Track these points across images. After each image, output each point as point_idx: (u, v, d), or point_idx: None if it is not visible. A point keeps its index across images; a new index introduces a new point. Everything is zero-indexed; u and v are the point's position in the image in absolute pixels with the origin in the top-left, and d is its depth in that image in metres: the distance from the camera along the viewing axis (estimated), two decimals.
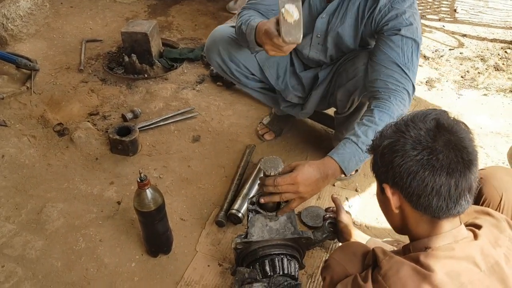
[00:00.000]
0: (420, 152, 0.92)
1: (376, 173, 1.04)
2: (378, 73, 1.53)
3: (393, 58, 1.51)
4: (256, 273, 1.41)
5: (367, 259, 1.13)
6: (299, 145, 2.28)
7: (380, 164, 1.00)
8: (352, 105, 1.81)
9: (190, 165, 2.15)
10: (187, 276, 1.67)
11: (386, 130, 1.02)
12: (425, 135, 0.93)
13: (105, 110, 2.49)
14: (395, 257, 0.99)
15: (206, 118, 2.45)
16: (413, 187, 0.93)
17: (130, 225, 1.84)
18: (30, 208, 1.90)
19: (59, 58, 2.98)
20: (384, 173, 0.99)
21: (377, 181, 1.06)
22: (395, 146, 0.95)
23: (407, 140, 0.94)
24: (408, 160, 0.93)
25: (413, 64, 1.52)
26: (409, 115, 1.00)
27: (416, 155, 0.92)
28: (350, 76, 1.70)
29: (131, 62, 2.74)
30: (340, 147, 1.40)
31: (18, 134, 2.29)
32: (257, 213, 1.44)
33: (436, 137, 0.93)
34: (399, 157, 0.94)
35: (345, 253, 1.20)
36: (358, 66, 1.67)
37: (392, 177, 0.97)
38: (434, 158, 0.91)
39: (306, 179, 1.32)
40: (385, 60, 1.52)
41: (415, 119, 0.97)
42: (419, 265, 0.95)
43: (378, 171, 1.03)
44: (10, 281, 1.62)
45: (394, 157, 0.95)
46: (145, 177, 1.48)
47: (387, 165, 0.97)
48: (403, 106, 1.47)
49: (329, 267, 1.20)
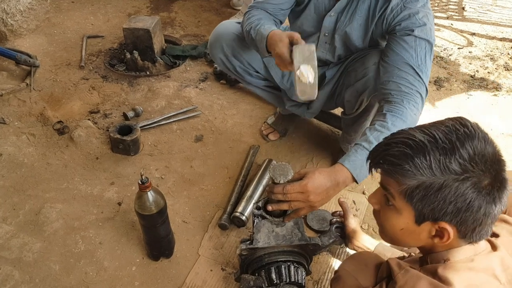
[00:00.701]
0: (491, 197, 0.86)
1: (419, 209, 0.91)
2: (390, 75, 1.47)
3: (406, 59, 1.45)
4: (261, 281, 1.36)
5: (381, 272, 1.08)
6: (305, 145, 2.22)
7: (441, 206, 0.87)
8: (361, 106, 1.75)
9: (193, 165, 2.10)
10: (189, 281, 1.61)
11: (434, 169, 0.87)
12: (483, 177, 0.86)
13: (106, 108, 2.43)
14: (411, 271, 0.93)
15: (209, 117, 2.39)
16: (474, 225, 0.88)
17: (131, 227, 1.79)
18: (28, 208, 1.85)
19: (60, 54, 2.92)
20: (447, 214, 0.88)
21: (411, 215, 0.93)
22: (469, 189, 0.85)
23: (466, 181, 0.85)
24: (484, 206, 0.86)
25: (427, 66, 1.46)
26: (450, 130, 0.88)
27: (488, 200, 0.86)
28: (359, 76, 1.64)
29: (133, 59, 2.69)
30: (351, 154, 1.34)
31: (17, 132, 2.24)
32: (263, 218, 1.39)
33: (497, 175, 0.87)
34: (477, 203, 0.85)
35: (357, 264, 1.15)
36: (368, 66, 1.61)
37: (460, 219, 0.87)
38: (497, 202, 0.87)
39: (316, 188, 1.26)
40: (398, 61, 1.46)
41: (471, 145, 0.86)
42: (436, 279, 0.89)
43: (427, 210, 0.89)
44: (6, 284, 1.57)
45: (470, 203, 0.85)
46: (147, 179, 1.43)
47: (459, 209, 0.86)
48: (416, 110, 1.41)
49: (339, 279, 1.14)
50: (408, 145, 0.88)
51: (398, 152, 0.89)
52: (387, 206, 0.97)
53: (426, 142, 0.87)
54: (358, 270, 1.12)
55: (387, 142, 0.94)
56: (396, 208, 0.95)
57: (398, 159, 0.89)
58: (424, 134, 0.88)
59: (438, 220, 0.89)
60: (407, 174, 0.88)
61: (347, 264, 1.17)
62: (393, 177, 0.91)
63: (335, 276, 1.19)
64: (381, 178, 0.99)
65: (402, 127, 1.36)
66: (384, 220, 1.01)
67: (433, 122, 0.93)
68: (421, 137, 0.87)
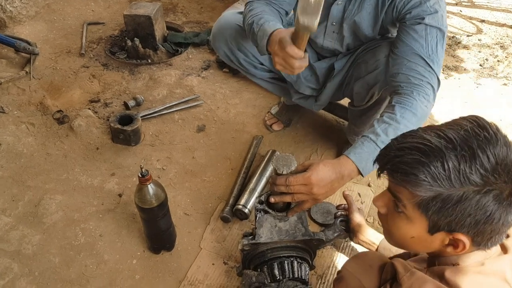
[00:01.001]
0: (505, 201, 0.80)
1: (434, 220, 0.85)
2: (399, 67, 1.41)
3: (416, 50, 1.39)
4: (264, 277, 1.32)
5: (385, 273, 1.04)
6: (309, 136, 2.18)
7: (459, 218, 0.81)
8: (371, 99, 1.70)
9: (195, 156, 2.06)
10: (191, 275, 1.59)
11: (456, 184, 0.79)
12: (504, 186, 0.79)
13: (107, 97, 2.39)
14: (416, 274, 0.89)
15: (212, 107, 2.34)
16: (491, 235, 0.83)
17: (132, 219, 1.76)
18: (27, 200, 1.82)
19: (60, 41, 2.87)
20: (464, 226, 0.82)
21: (425, 224, 0.87)
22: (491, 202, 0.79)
23: (488, 194, 0.79)
24: (505, 217, 0.81)
25: (438, 56, 1.40)
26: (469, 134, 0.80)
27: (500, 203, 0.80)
28: (370, 68, 1.58)
29: (134, 46, 2.63)
30: (357, 146, 1.29)
31: (16, 122, 2.20)
32: (265, 213, 1.35)
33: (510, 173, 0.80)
34: (497, 215, 0.80)
35: (360, 264, 1.11)
36: (380, 58, 1.54)
37: (477, 230, 0.82)
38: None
39: (320, 180, 1.22)
40: (407, 52, 1.40)
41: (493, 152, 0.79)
42: (443, 282, 0.85)
43: (443, 221, 0.83)
44: (5, 278, 1.55)
45: (490, 216, 0.80)
46: (147, 172, 1.39)
47: (477, 222, 0.81)
48: (427, 102, 1.35)
49: (342, 280, 1.11)
50: (423, 152, 0.80)
51: (411, 159, 0.82)
52: (396, 212, 0.91)
53: (443, 149, 0.79)
54: (362, 271, 1.08)
55: (399, 146, 0.86)
56: (407, 216, 0.89)
57: (411, 167, 0.81)
58: (440, 139, 0.80)
59: (454, 232, 0.84)
60: (422, 184, 0.81)
61: (350, 265, 1.13)
62: (405, 186, 0.84)
63: (338, 276, 1.15)
64: (389, 184, 0.92)
65: (411, 120, 1.32)
66: (392, 225, 0.95)
67: (447, 123, 0.86)
68: (437, 142, 0.80)
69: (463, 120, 0.84)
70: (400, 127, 1.29)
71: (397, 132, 1.28)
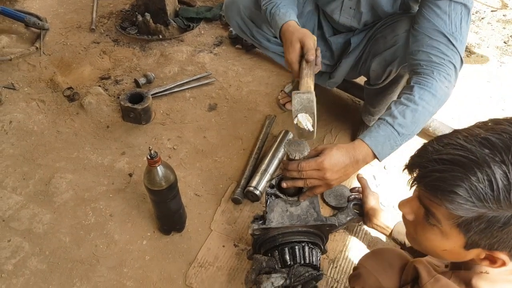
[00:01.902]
0: None
1: (473, 239, 0.77)
2: (420, 44, 1.33)
3: (438, 27, 1.30)
4: (274, 262, 1.29)
5: (405, 274, 0.99)
6: (323, 116, 2.11)
7: (500, 240, 0.75)
8: (389, 76, 1.62)
9: (206, 135, 2.02)
10: (201, 256, 1.57)
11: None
12: None
13: (117, 74, 2.35)
14: (441, 281, 0.84)
15: (224, 85, 2.29)
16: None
17: (142, 200, 1.74)
18: (38, 178, 1.81)
19: (70, 16, 2.82)
20: (506, 246, 0.76)
21: (462, 241, 0.79)
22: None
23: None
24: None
25: (462, 34, 1.31)
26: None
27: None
28: (389, 44, 1.50)
29: (144, 21, 2.57)
30: (373, 129, 1.23)
31: (27, 98, 2.18)
32: (276, 197, 1.31)
33: None
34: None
35: (380, 263, 1.06)
36: (399, 33, 1.46)
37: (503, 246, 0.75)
38: None
39: (333, 165, 1.17)
40: (429, 28, 1.31)
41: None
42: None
43: (482, 241, 0.76)
44: (16, 256, 1.55)
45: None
46: (156, 153, 1.35)
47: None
48: (448, 82, 1.28)
49: (360, 277, 1.07)
50: (467, 166, 0.71)
51: (453, 176, 0.72)
52: (428, 224, 0.83)
53: (490, 162, 0.69)
54: (381, 269, 1.04)
55: (437, 158, 0.75)
56: (441, 231, 0.80)
57: (452, 185, 0.72)
58: (484, 149, 0.71)
59: (494, 250, 0.76)
60: (465, 205, 0.72)
61: (368, 262, 1.09)
62: (443, 205, 0.75)
63: (354, 273, 1.11)
64: (421, 194, 0.83)
65: (431, 101, 1.25)
66: (421, 235, 0.86)
67: (489, 127, 0.75)
68: (482, 154, 0.70)
69: (507, 122, 0.74)
70: (418, 109, 1.22)
71: (415, 115, 1.22)
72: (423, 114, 1.23)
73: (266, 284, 1.25)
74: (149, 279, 1.51)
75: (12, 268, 1.52)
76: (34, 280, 1.49)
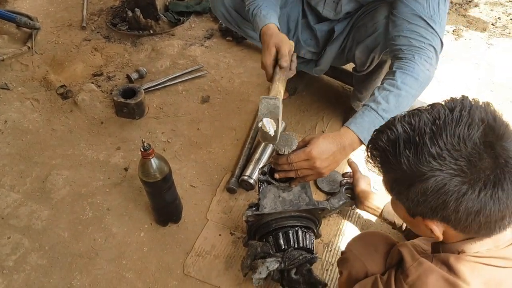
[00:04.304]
0: (482, 190, 0.73)
1: (405, 204, 0.85)
2: (399, 29, 1.35)
3: (416, 11, 1.32)
4: (269, 247, 1.33)
5: (390, 257, 1.02)
6: (315, 104, 2.14)
7: (422, 201, 0.79)
8: (372, 62, 1.64)
9: (200, 127, 2.04)
10: (198, 246, 1.60)
11: (424, 163, 0.77)
12: (486, 168, 0.73)
13: (110, 70, 2.36)
14: (424, 264, 0.86)
15: (216, 77, 2.31)
16: (468, 222, 0.77)
17: (138, 193, 1.77)
18: (35, 176, 1.84)
19: (61, 14, 2.82)
20: (427, 212, 0.80)
21: (403, 205, 0.86)
22: (445, 187, 0.74)
23: (464, 181, 0.73)
24: (467, 202, 0.74)
25: (440, 16, 1.33)
26: (429, 119, 0.78)
27: (477, 195, 0.73)
28: (370, 31, 1.52)
29: (135, 17, 2.58)
30: (358, 116, 1.26)
31: (21, 98, 2.20)
32: (269, 183, 1.34)
33: (496, 164, 0.73)
34: (454, 200, 0.74)
35: (365, 246, 1.09)
36: (379, 20, 1.48)
37: (442, 217, 0.79)
38: (499, 190, 0.73)
39: (321, 153, 1.20)
40: (407, 13, 1.33)
41: (450, 135, 0.75)
42: (452, 272, 0.82)
43: (411, 203, 0.82)
44: (16, 253, 1.58)
45: (447, 198, 0.75)
46: (149, 146, 1.38)
47: (434, 208, 0.78)
48: (429, 65, 1.30)
49: (347, 261, 1.10)
50: (388, 138, 0.82)
51: (381, 143, 0.83)
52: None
53: (402, 134, 0.80)
54: (366, 253, 1.07)
55: (378, 129, 0.87)
56: (394, 201, 0.90)
57: (379, 150, 0.84)
58: (404, 124, 0.81)
59: (426, 218, 0.82)
60: (387, 167, 0.83)
61: (355, 246, 1.12)
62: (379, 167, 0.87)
63: (342, 257, 1.14)
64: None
65: (413, 85, 1.27)
66: (394, 210, 0.96)
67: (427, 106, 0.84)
68: (400, 128, 0.80)
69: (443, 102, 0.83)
70: (401, 94, 1.25)
71: (399, 99, 1.25)
72: (406, 98, 1.26)
73: (262, 269, 1.28)
74: (148, 269, 1.54)
75: (13, 264, 1.54)
76: (35, 275, 1.52)
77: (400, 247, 0.97)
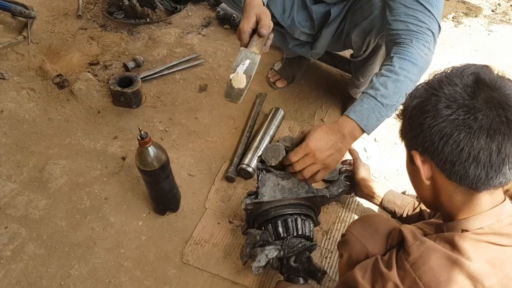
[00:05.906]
0: (455, 111, 0.77)
1: (405, 140, 0.91)
2: (396, 13, 1.32)
3: None
4: (268, 235, 1.32)
5: (391, 238, 1.01)
6: (313, 92, 2.12)
7: (408, 128, 0.87)
8: (368, 47, 1.62)
9: (197, 116, 2.02)
10: (196, 234, 1.59)
11: (416, 89, 0.89)
12: (462, 91, 0.79)
13: (106, 59, 2.34)
14: (426, 243, 0.86)
15: (213, 65, 2.28)
16: (446, 152, 0.79)
17: (136, 182, 1.76)
18: (31, 165, 1.82)
19: (56, 3, 2.78)
20: (413, 138, 0.86)
21: (406, 150, 0.93)
22: (426, 106, 0.81)
23: (440, 98, 0.80)
24: (440, 121, 0.78)
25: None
26: (444, 71, 0.86)
27: (449, 114, 0.78)
28: (366, 14, 1.50)
29: (131, 5, 2.55)
30: (357, 104, 1.25)
31: (17, 87, 2.17)
32: (268, 171, 1.33)
33: (475, 94, 0.78)
34: (430, 118, 0.80)
35: (366, 228, 1.08)
36: (375, 3, 1.46)
37: (422, 143, 0.83)
38: (471, 118, 0.76)
39: (319, 144, 1.19)
40: None
41: (450, 75, 0.83)
42: (455, 250, 0.81)
43: (406, 136, 0.90)
44: (14, 242, 1.57)
45: (424, 119, 0.81)
46: (146, 134, 1.36)
47: (416, 129, 0.84)
48: (427, 50, 1.28)
49: (347, 243, 1.09)
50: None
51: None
52: (410, 165, 0.96)
53: None
54: (367, 235, 1.06)
55: None
56: (409, 160, 0.95)
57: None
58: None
59: (411, 150, 0.88)
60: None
61: (355, 228, 1.11)
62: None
63: (342, 239, 1.14)
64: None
65: (412, 70, 1.26)
66: (412, 182, 1.00)
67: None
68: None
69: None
70: (400, 79, 1.23)
71: (397, 84, 1.23)
72: (405, 84, 1.24)
73: (261, 257, 1.27)
74: (146, 258, 1.53)
75: (11, 254, 1.54)
76: (32, 264, 1.51)
77: (402, 227, 0.96)
